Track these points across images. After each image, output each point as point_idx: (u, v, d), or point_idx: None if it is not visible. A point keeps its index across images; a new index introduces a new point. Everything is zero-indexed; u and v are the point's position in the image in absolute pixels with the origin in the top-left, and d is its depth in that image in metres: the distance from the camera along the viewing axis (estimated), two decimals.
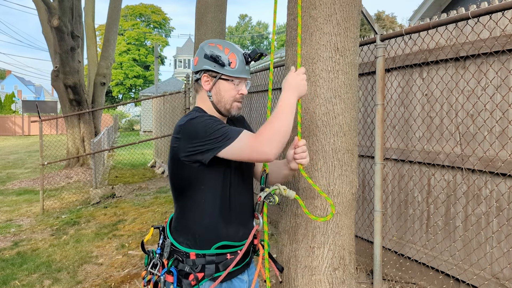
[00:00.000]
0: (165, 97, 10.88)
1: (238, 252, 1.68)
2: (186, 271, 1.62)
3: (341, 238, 2.10)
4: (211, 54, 1.67)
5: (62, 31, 10.17)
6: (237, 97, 1.71)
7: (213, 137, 1.54)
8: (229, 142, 1.53)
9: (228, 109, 1.72)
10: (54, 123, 25.68)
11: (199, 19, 5.47)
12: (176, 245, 1.68)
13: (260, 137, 1.52)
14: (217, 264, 1.65)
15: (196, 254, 1.64)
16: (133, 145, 11.47)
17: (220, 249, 1.66)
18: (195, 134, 1.57)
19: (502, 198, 2.82)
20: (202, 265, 1.63)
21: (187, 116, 1.66)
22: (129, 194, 8.33)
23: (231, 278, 1.69)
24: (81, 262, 4.63)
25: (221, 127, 1.56)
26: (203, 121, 1.58)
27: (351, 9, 2.07)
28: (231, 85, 1.69)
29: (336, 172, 2.07)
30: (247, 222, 1.74)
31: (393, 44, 3.65)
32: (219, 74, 1.68)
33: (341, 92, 2.06)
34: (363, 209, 4.09)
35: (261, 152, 1.52)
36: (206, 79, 1.70)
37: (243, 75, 1.70)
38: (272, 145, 1.50)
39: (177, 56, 50.52)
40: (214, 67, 1.67)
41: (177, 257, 1.66)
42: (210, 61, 1.68)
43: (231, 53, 1.68)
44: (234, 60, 1.67)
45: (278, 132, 1.52)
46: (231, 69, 1.67)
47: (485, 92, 2.94)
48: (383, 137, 3.39)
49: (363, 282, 3.67)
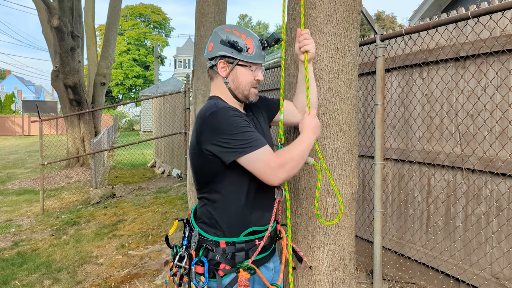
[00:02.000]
0: (165, 97, 10.88)
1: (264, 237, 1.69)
2: (217, 260, 1.62)
3: (341, 238, 2.10)
4: (228, 40, 1.64)
5: (62, 31, 10.17)
6: (254, 83, 1.70)
7: (237, 139, 1.54)
8: (251, 150, 1.53)
9: (246, 95, 1.71)
10: (54, 123, 25.68)
11: (199, 19, 5.46)
12: (205, 234, 1.66)
13: (278, 159, 1.55)
14: (246, 251, 1.65)
15: (226, 242, 1.63)
16: (133, 145, 11.48)
17: (249, 235, 1.66)
18: (219, 129, 1.55)
19: (502, 198, 2.82)
20: (232, 253, 1.63)
21: (209, 106, 1.63)
22: (129, 194, 8.34)
23: (258, 266, 1.68)
24: (81, 262, 4.63)
25: (246, 130, 1.56)
26: (229, 117, 1.57)
27: (351, 9, 2.07)
28: (248, 71, 1.68)
29: (336, 172, 2.07)
30: (271, 205, 1.75)
31: (393, 44, 3.65)
32: (237, 60, 1.66)
33: (341, 92, 2.06)
34: (363, 209, 4.09)
35: (271, 174, 1.55)
36: (223, 65, 1.68)
37: (260, 60, 1.69)
38: (283, 170, 1.55)
39: (177, 56, 50.50)
40: (231, 53, 1.65)
41: (207, 246, 1.64)
42: (227, 46, 1.65)
43: (248, 38, 1.66)
44: (251, 46, 1.66)
45: (292, 160, 1.56)
46: (249, 54, 1.65)
47: (485, 92, 2.94)
48: (383, 137, 3.39)
49: (363, 282, 3.67)
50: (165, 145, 11.24)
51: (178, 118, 9.58)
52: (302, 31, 1.82)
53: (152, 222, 6.04)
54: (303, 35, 1.81)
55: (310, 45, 1.80)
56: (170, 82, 33.91)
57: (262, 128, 1.80)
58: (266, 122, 1.87)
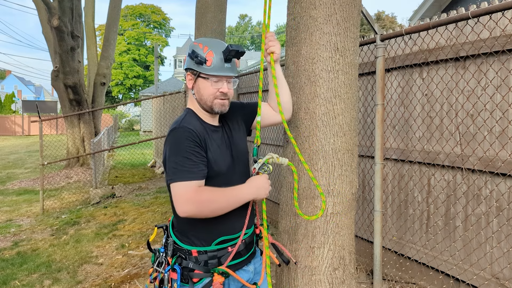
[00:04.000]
0: (165, 97, 10.88)
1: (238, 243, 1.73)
2: (190, 267, 1.67)
3: (341, 238, 2.10)
4: (191, 53, 1.70)
5: (62, 31, 10.17)
6: (218, 95, 1.70)
7: (176, 161, 1.59)
8: (177, 179, 1.58)
9: (210, 106, 1.72)
10: (54, 123, 25.68)
11: (199, 19, 5.46)
12: (178, 243, 1.72)
13: (193, 194, 1.56)
14: (219, 258, 1.69)
15: (198, 251, 1.69)
16: (133, 145, 11.47)
17: (220, 244, 1.70)
18: (170, 148, 1.63)
19: (502, 198, 2.82)
20: (204, 260, 1.68)
21: (176, 121, 1.71)
22: (129, 194, 8.33)
23: (235, 270, 1.72)
24: (81, 262, 4.63)
25: (181, 158, 1.59)
26: (181, 138, 1.61)
27: (351, 9, 2.07)
28: (208, 83, 1.69)
29: (336, 172, 2.07)
30: (242, 213, 1.76)
31: (393, 44, 3.65)
32: (197, 72, 1.70)
33: (341, 92, 2.06)
34: (363, 209, 4.09)
35: (178, 204, 1.57)
36: (190, 78, 1.74)
37: (220, 72, 1.68)
38: (192, 206, 1.56)
39: (177, 56, 50.49)
40: (193, 66, 1.70)
41: (180, 254, 1.71)
42: (190, 59, 1.71)
43: (209, 51, 1.68)
44: (210, 58, 1.67)
45: (210, 202, 1.58)
46: (207, 67, 1.67)
47: (485, 92, 2.94)
48: (383, 137, 3.39)
49: (363, 282, 3.67)
50: None
51: None
52: (268, 33, 1.88)
53: (152, 222, 6.04)
54: (268, 37, 1.87)
55: (276, 46, 1.86)
56: (170, 82, 33.89)
57: (232, 138, 1.82)
58: (241, 129, 1.90)
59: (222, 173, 1.69)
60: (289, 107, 1.97)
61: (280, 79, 1.92)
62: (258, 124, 1.87)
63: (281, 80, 1.93)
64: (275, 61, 1.88)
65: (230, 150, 1.76)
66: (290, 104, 1.97)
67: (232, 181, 1.70)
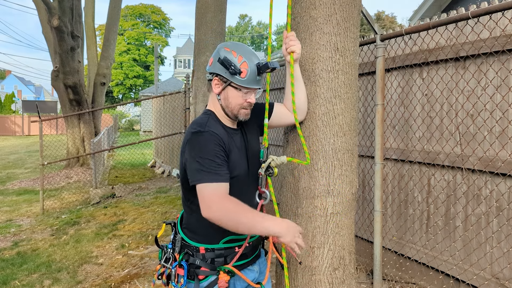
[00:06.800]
0: (165, 97, 10.88)
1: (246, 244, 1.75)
2: (197, 264, 1.70)
3: (341, 238, 2.10)
4: (224, 60, 1.67)
5: (62, 31, 10.17)
6: (245, 105, 1.72)
7: (201, 163, 1.58)
8: (204, 181, 1.56)
9: (235, 114, 1.74)
10: (54, 123, 25.69)
11: (199, 19, 5.46)
12: (186, 239, 1.75)
13: (221, 201, 1.55)
14: (225, 257, 1.72)
15: (205, 248, 1.71)
16: (133, 145, 11.47)
17: (228, 243, 1.72)
18: (195, 149, 1.62)
19: (502, 198, 2.82)
20: (211, 258, 1.70)
21: (200, 123, 1.69)
22: (129, 194, 8.34)
23: (240, 270, 1.74)
24: (81, 262, 4.63)
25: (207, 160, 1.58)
26: (208, 142, 1.61)
27: (351, 9, 2.07)
28: (239, 93, 1.70)
29: (336, 172, 2.07)
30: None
31: (393, 44, 3.65)
32: (229, 81, 1.69)
33: (341, 92, 2.06)
34: (363, 209, 4.09)
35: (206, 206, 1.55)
36: (217, 83, 1.72)
37: (253, 85, 1.69)
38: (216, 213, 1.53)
39: (177, 56, 50.50)
40: (225, 73, 1.68)
41: (188, 251, 1.73)
42: (222, 66, 1.68)
43: (244, 62, 1.67)
44: (245, 70, 1.67)
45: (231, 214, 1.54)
46: (241, 78, 1.67)
47: (485, 92, 2.94)
48: (383, 137, 3.39)
49: (363, 282, 3.67)
50: (165, 145, 11.24)
51: (178, 118, 9.58)
52: (288, 33, 1.89)
53: (152, 222, 6.04)
54: (288, 37, 1.88)
55: (296, 46, 1.86)
56: (170, 82, 33.92)
57: (248, 141, 1.83)
58: (255, 131, 1.91)
59: (241, 175, 1.72)
60: (304, 108, 1.97)
61: (298, 79, 1.92)
62: (266, 127, 1.88)
63: (299, 80, 1.93)
64: (295, 60, 1.90)
65: (246, 153, 1.79)
66: (306, 104, 1.97)
67: (247, 183, 1.74)
